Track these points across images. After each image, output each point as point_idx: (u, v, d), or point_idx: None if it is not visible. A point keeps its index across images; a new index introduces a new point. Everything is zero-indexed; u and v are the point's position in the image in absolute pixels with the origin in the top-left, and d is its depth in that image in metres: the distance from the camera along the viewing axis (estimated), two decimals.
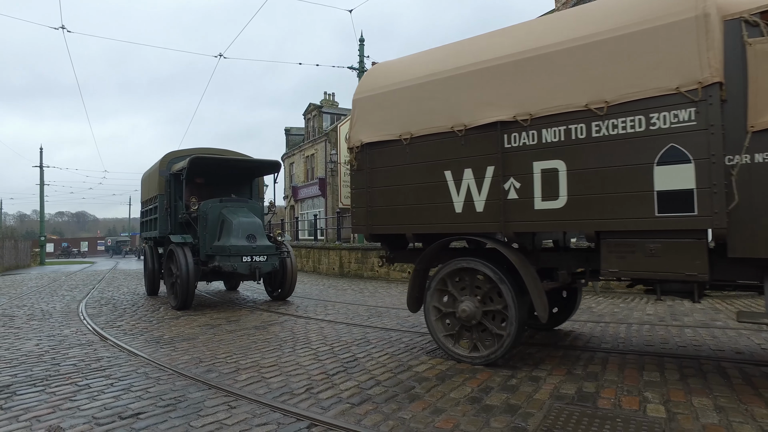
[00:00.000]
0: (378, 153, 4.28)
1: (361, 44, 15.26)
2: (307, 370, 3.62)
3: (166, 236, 7.91)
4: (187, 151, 8.70)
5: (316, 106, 33.78)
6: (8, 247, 24.50)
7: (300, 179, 34.21)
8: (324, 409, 2.76)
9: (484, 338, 3.70)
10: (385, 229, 4.30)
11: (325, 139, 31.23)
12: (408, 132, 4.05)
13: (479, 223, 3.66)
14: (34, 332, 5.49)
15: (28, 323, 6.18)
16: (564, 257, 3.76)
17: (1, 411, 2.82)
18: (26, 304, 8.40)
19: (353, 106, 4.54)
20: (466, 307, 3.68)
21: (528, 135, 3.42)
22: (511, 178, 3.50)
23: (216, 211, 7.51)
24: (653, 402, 2.76)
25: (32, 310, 7.55)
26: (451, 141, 3.80)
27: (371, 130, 4.32)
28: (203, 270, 7.27)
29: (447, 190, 3.82)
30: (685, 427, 2.41)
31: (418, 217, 4.00)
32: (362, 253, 13.74)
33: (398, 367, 3.68)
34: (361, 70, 15.25)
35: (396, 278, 12.37)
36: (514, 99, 3.49)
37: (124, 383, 3.36)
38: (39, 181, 30.91)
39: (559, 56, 3.31)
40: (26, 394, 3.15)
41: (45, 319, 6.55)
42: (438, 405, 2.81)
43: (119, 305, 7.91)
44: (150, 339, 4.96)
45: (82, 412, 2.78)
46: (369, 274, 13.41)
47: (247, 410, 2.77)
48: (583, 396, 2.90)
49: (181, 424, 2.58)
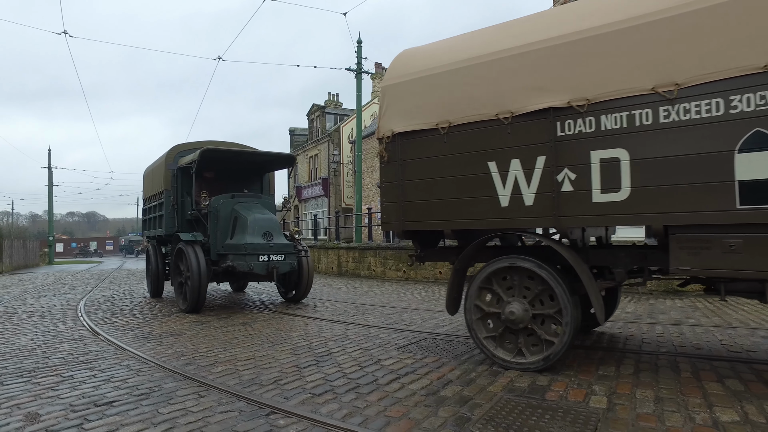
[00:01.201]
0: (411, 143, 3.99)
1: (359, 46, 15.44)
2: (280, 364, 3.80)
3: (174, 234, 7.47)
4: (195, 144, 8.22)
5: (320, 107, 34.03)
6: (17, 247, 25.00)
7: (304, 179, 34.48)
8: (286, 399, 2.94)
9: (530, 342, 3.47)
10: (419, 225, 4.00)
11: (328, 139, 31.46)
12: (446, 120, 3.77)
13: (528, 217, 3.42)
14: (31, 328, 5.73)
15: (26, 320, 6.43)
16: (618, 254, 3.49)
17: None
18: (28, 301, 8.68)
19: (382, 93, 4.26)
20: (514, 309, 3.43)
21: (584, 122, 3.17)
22: (565, 169, 3.24)
23: (228, 207, 7.04)
24: (599, 394, 2.90)
25: (33, 307, 7.81)
26: (496, 129, 3.53)
27: (403, 118, 4.03)
28: (214, 270, 6.85)
29: (491, 182, 3.55)
30: (620, 416, 2.55)
31: (458, 211, 3.73)
32: (359, 253, 13.92)
33: (367, 361, 3.84)
34: (359, 72, 15.42)
35: (391, 277, 12.53)
36: (568, 83, 3.24)
37: (105, 375, 3.56)
38: (48, 182, 31.48)
39: (622, 35, 3.05)
40: (12, 384, 3.36)
41: (44, 316, 6.80)
42: (395, 396, 2.97)
43: (117, 303, 8.15)
44: (140, 335, 5.17)
45: (61, 400, 2.98)
46: (366, 273, 13.58)
47: (214, 399, 2.96)
48: (534, 389, 3.05)
49: (150, 410, 2.76)
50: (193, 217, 7.36)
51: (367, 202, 28.24)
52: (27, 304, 8.21)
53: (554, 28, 3.38)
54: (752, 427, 2.35)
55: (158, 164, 8.54)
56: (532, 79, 3.40)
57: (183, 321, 6.03)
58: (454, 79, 3.78)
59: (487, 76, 3.61)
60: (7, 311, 7.37)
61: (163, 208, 8.00)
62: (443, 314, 6.16)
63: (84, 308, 7.47)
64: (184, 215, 7.63)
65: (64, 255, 53.98)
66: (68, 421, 2.61)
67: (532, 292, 3.43)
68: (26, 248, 27.42)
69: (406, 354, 4.04)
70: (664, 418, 2.49)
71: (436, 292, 8.86)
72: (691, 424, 2.42)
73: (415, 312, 6.42)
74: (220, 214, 7.01)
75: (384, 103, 4.21)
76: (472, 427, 2.43)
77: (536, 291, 3.41)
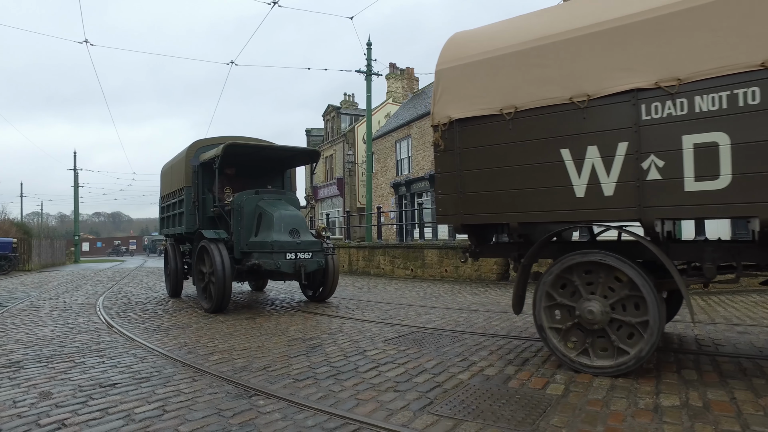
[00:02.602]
0: (471, 130, 3.75)
1: (368, 48, 15.72)
2: (272, 353, 4.09)
3: (196, 232, 7.28)
4: (215, 139, 7.99)
5: (335, 108, 34.45)
6: (45, 246, 26.09)
7: (320, 179, 34.94)
8: (270, 383, 3.22)
9: (599, 345, 3.27)
10: (481, 218, 3.76)
11: (343, 139, 31.85)
12: (511, 105, 3.54)
13: (607, 209, 3.18)
14: (52, 321, 6.17)
15: (49, 313, 6.90)
16: (706, 249, 3.21)
17: (9, 380, 3.40)
18: (52, 297, 9.22)
19: (436, 78, 4.00)
20: (593, 308, 3.21)
21: (675, 104, 2.93)
22: (651, 156, 3.00)
23: (252, 204, 6.87)
24: (558, 383, 3.10)
25: (56, 302, 8.32)
26: (569, 114, 3.31)
27: (462, 104, 3.79)
28: (238, 269, 6.69)
29: (564, 171, 3.31)
30: (571, 402, 2.75)
31: (526, 203, 3.50)
32: (369, 252, 14.21)
33: (353, 351, 4.10)
34: (368, 74, 15.70)
35: (399, 276, 12.78)
36: (655, 62, 2.99)
37: (113, 361, 3.91)
38: (74, 183, 32.66)
39: (722, 7, 2.80)
40: (31, 368, 3.73)
41: (65, 310, 7.27)
42: (371, 382, 3.23)
43: (133, 299, 8.61)
44: (149, 327, 5.54)
45: (72, 382, 3.33)
46: (375, 271, 13.86)
47: (206, 382, 3.26)
48: (500, 377, 3.26)
49: (148, 391, 3.08)
50: (215, 214, 7.20)
51: (381, 202, 28.53)
52: (51, 300, 8.74)
53: (636, 3, 3.13)
54: (688, 410, 2.54)
55: (178, 160, 8.28)
56: (612, 58, 3.16)
57: (191, 315, 6.40)
58: (521, 61, 3.54)
59: (559, 57, 3.36)
60: (32, 305, 7.88)
61: (182, 206, 7.80)
62: (438, 310, 6.40)
63: (102, 303, 7.93)
64: (205, 212, 7.44)
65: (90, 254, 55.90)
66: (75, 399, 2.94)
67: (617, 294, 3.20)
68: (53, 247, 28.55)
69: (391, 346, 4.29)
70: (610, 404, 2.69)
71: (440, 289, 9.08)
72: (634, 408, 2.61)
73: (411, 308, 6.67)
74: (244, 210, 6.83)
75: (438, 88, 3.96)
76: (430, 409, 2.67)
77: (622, 295, 3.18)
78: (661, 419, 2.44)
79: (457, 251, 11.32)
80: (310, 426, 2.47)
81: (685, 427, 2.34)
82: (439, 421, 2.50)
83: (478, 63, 3.77)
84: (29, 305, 7.95)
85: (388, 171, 28.15)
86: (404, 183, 25.96)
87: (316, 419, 2.56)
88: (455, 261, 11.31)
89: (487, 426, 2.41)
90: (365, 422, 2.48)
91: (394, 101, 32.27)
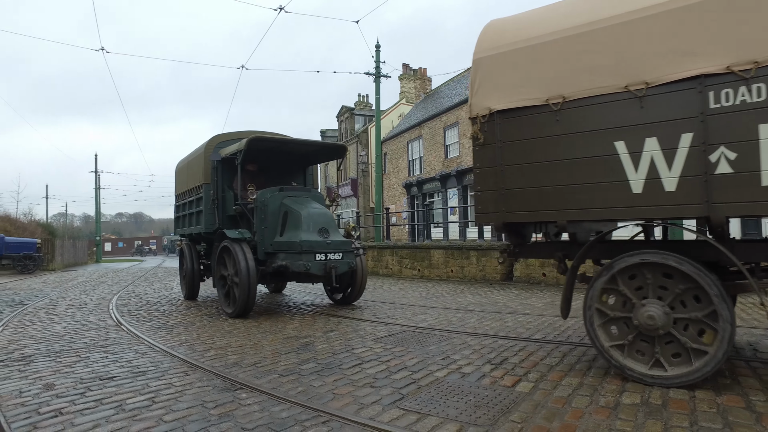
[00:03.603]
0: (514, 122, 3.57)
1: (377, 51, 15.90)
2: (264, 351, 4.29)
3: (217, 231, 6.85)
4: (235, 134, 7.57)
5: (348, 109, 34.75)
6: (67, 246, 26.99)
7: (333, 179, 35.25)
8: (257, 378, 3.42)
9: (669, 352, 3.04)
10: (524, 216, 3.57)
11: (357, 140, 32.11)
12: (558, 95, 3.35)
13: (669, 205, 2.98)
14: (66, 318, 6.51)
15: (65, 311, 7.26)
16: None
17: (18, 372, 3.67)
18: (70, 296, 9.64)
19: (474, 67, 3.81)
20: (653, 312, 3.00)
21: (750, 90, 2.71)
22: (721, 147, 2.80)
23: (276, 202, 6.51)
24: (530, 381, 3.22)
25: (72, 301, 8.71)
26: (625, 103, 3.11)
27: (503, 94, 3.62)
28: (262, 271, 6.29)
29: (619, 165, 3.12)
30: (536, 399, 2.87)
31: (575, 200, 3.31)
32: (378, 252, 14.39)
33: (342, 349, 4.28)
34: (377, 75, 15.88)
35: (407, 276, 12.93)
36: (725, 44, 2.78)
37: (116, 356, 4.16)
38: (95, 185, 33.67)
39: None
40: (40, 362, 4.01)
41: (79, 308, 7.63)
42: (351, 378, 3.40)
43: (145, 298, 8.96)
44: (155, 325, 5.81)
45: (74, 375, 3.58)
46: (383, 271, 14.03)
47: (197, 376, 3.48)
48: (476, 375, 3.39)
49: (143, 384, 3.31)
50: (237, 212, 6.80)
51: (393, 202, 28.68)
52: (68, 298, 9.15)
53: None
54: (645, 408, 2.64)
55: (195, 157, 7.83)
56: (673, 42, 2.94)
57: (196, 314, 6.67)
58: (569, 47, 3.35)
59: (612, 42, 3.17)
60: (50, 304, 8.28)
61: (200, 204, 7.44)
62: (435, 310, 6.53)
63: (115, 302, 8.28)
64: (225, 211, 7.08)
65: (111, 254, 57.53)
66: (75, 390, 3.18)
67: (671, 292, 3.01)
68: (76, 247, 29.50)
69: (380, 344, 4.45)
70: (573, 401, 2.80)
71: (443, 289, 9.20)
72: (595, 406, 2.72)
73: (410, 308, 6.81)
74: (268, 209, 6.47)
75: (477, 77, 3.77)
76: (400, 404, 2.83)
77: (677, 291, 2.98)
78: (616, 416, 2.55)
79: (463, 251, 11.42)
80: (283, 417, 2.65)
81: (637, 423, 2.44)
82: (405, 415, 2.65)
83: (520, 51, 3.58)
84: (47, 303, 8.35)
85: (401, 171, 28.29)
86: (416, 183, 26.08)
87: (290, 411, 2.74)
88: (461, 261, 11.41)
89: (448, 420, 2.55)
90: (335, 415, 2.65)
91: (407, 102, 32.42)
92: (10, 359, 4.12)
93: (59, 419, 2.67)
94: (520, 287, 9.21)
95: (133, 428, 2.52)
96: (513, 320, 5.54)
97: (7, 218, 26.55)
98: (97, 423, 2.60)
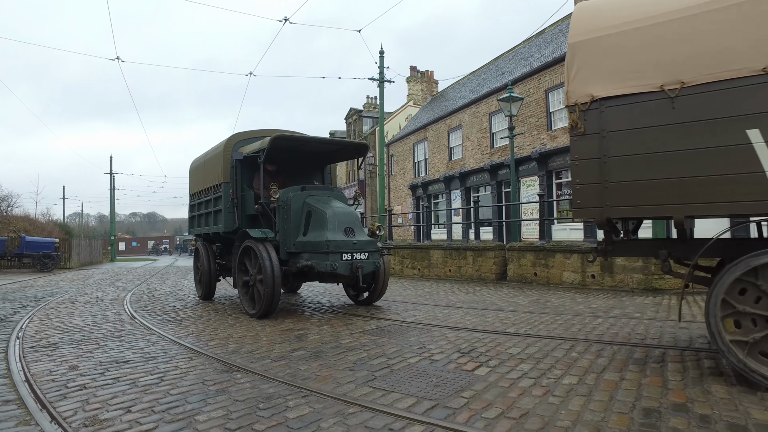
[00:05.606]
0: (620, 109, 3.35)
1: (381, 57, 16.36)
2: (262, 341, 4.79)
3: (236, 231, 6.85)
4: (254, 132, 7.55)
5: (357, 111, 35.30)
6: (83, 246, 27.90)
7: (342, 181, 35.81)
8: (251, 362, 3.91)
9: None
10: (632, 210, 3.35)
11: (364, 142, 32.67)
12: (676, 80, 3.12)
13: None
14: (85, 312, 7.09)
15: (83, 306, 7.85)
16: None
17: (47, 356, 4.22)
18: (87, 292, 10.28)
19: (570, 51, 3.58)
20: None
21: None
22: None
23: (300, 201, 6.46)
24: (489, 366, 3.66)
25: (90, 297, 9.33)
26: (761, 87, 2.86)
27: (606, 80, 3.40)
28: (284, 271, 6.23)
29: (753, 155, 2.88)
30: (489, 380, 3.31)
31: (696, 193, 3.08)
32: None
33: (331, 340, 4.76)
34: (381, 81, 16.35)
35: (407, 275, 13.38)
36: None
37: (130, 344, 4.69)
38: (110, 186, 34.66)
39: None
40: (65, 348, 4.55)
41: (97, 303, 8.23)
42: (333, 363, 3.87)
43: (157, 294, 9.54)
44: (166, 319, 6.35)
45: (94, 359, 4.11)
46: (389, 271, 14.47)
47: (200, 361, 3.98)
48: (444, 361, 3.84)
49: (153, 366, 3.82)
50: (259, 211, 6.78)
51: (399, 203, 29.15)
52: (86, 294, 9.78)
53: None
54: (579, 387, 3.07)
55: (213, 155, 7.74)
56: None
57: (203, 309, 7.21)
58: (688, 28, 3.11)
59: (744, 20, 2.91)
60: (70, 299, 8.90)
61: (218, 203, 7.38)
62: (425, 306, 6.98)
63: (129, 298, 8.87)
64: (245, 210, 7.05)
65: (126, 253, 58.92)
66: (95, 371, 3.71)
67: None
68: (91, 247, 30.45)
69: (366, 336, 4.92)
70: (519, 383, 3.25)
71: (439, 287, 9.64)
72: (537, 387, 3.16)
73: (401, 305, 7.28)
74: (291, 208, 6.42)
75: (574, 63, 3.55)
76: (371, 384, 3.30)
77: None
78: (552, 394, 2.99)
79: (461, 252, 11.85)
80: (270, 393, 3.13)
81: (564, 399, 2.88)
82: (373, 392, 3.12)
83: (627, 33, 3.35)
84: (67, 299, 8.97)
85: (407, 173, 28.74)
86: (421, 185, 26.51)
87: (277, 388, 3.22)
88: (458, 261, 11.84)
89: (408, 396, 3.01)
90: (314, 391, 3.13)
91: (414, 104, 32.86)
92: (38, 346, 4.68)
93: (84, 392, 3.19)
94: (512, 286, 9.62)
95: (144, 399, 3.03)
96: (494, 316, 5.97)
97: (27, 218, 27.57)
98: (115, 395, 3.11)
